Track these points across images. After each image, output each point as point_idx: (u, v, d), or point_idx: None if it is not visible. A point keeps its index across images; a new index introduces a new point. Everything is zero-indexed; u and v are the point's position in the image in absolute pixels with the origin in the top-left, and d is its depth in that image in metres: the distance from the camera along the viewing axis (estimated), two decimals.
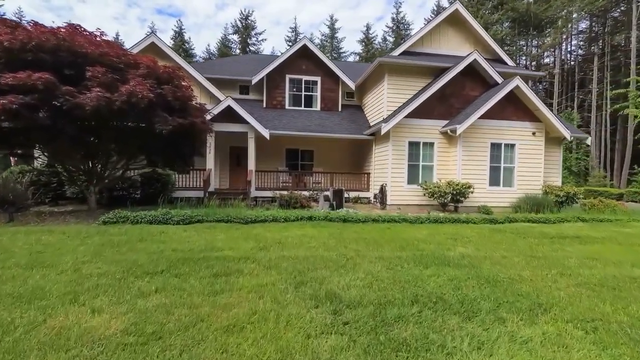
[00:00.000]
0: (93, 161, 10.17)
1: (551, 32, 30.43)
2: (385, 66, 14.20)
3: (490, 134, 13.34)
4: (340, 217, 8.29)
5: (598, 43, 29.30)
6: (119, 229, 6.83)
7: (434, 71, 14.52)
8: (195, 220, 7.88)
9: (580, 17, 29.73)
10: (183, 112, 9.73)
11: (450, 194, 12.38)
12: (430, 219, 8.56)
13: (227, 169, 16.19)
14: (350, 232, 6.81)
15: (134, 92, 8.33)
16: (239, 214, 8.26)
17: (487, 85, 14.06)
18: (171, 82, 9.67)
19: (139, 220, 7.77)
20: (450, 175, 13.57)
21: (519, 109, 13.46)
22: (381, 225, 7.76)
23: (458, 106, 13.93)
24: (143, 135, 9.54)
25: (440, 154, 13.77)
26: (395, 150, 13.45)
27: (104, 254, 4.90)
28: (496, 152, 13.48)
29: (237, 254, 5.00)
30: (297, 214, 8.38)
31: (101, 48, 8.84)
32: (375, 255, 5.02)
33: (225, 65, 18.68)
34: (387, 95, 14.36)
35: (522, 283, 3.93)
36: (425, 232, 6.94)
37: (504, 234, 6.96)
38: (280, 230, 7.03)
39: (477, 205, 13.04)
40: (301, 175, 15.90)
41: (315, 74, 16.74)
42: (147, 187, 12.89)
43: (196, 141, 11.06)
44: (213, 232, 6.66)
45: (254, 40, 43.56)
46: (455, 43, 15.31)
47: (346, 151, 17.19)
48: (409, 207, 13.44)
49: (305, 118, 15.97)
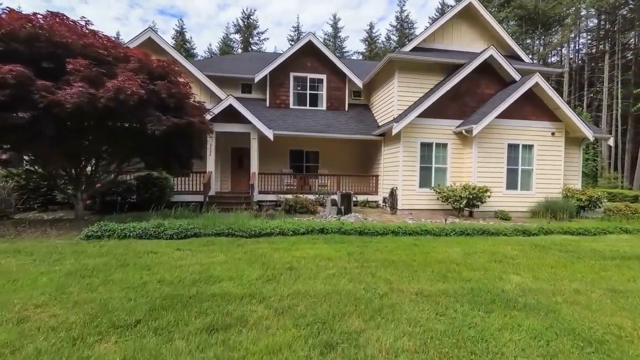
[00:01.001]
0: (80, 165, 8.97)
1: (559, 30, 29.17)
2: (395, 63, 12.99)
3: (507, 135, 12.17)
4: (355, 229, 7.10)
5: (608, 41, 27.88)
6: (100, 247, 5.64)
7: (446, 68, 13.32)
8: (191, 234, 6.68)
9: (589, 14, 28.45)
10: (179, 111, 8.52)
11: (466, 199, 11.21)
12: (455, 230, 7.37)
13: (229, 172, 14.99)
14: (372, 250, 5.62)
15: (122, 88, 7.12)
16: (241, 225, 7.07)
17: (503, 83, 12.86)
18: (166, 78, 8.47)
19: (127, 234, 6.57)
20: (464, 178, 12.41)
21: (538, 107, 12.28)
22: (404, 240, 6.56)
23: (473, 105, 12.74)
24: (135, 136, 8.33)
25: (453, 155, 12.59)
26: (407, 151, 12.27)
27: (69, 289, 3.71)
28: (513, 154, 12.30)
29: (239, 287, 3.81)
30: (307, 226, 7.18)
31: (86, 38, 7.61)
32: (414, 289, 3.83)
33: (226, 63, 17.44)
34: (397, 93, 13.16)
35: (634, 343, 2.76)
36: (459, 250, 5.75)
37: (551, 253, 5.75)
38: (289, 247, 5.84)
39: (493, 210, 11.87)
40: (306, 178, 14.71)
41: (321, 72, 15.52)
42: (144, 191, 11.69)
43: (194, 142, 9.84)
44: (211, 252, 5.47)
45: (256, 40, 42.23)
46: (468, 39, 14.10)
47: (353, 152, 15.99)
48: (421, 212, 12.28)
49: (311, 118, 14.77)
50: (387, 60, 13.09)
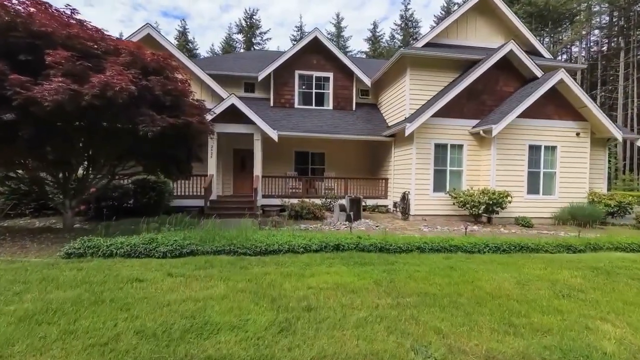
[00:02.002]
0: (69, 169, 7.92)
1: (569, 26, 27.82)
2: (407, 59, 11.89)
3: (529, 135, 11.07)
4: (374, 245, 6.02)
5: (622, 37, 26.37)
6: (77, 272, 4.59)
7: (461, 64, 12.23)
8: (187, 252, 5.62)
9: (602, 10, 27.05)
10: (176, 110, 7.45)
11: (485, 204, 10.14)
12: (487, 244, 6.27)
13: (231, 174, 13.94)
14: (402, 276, 4.54)
15: (109, 84, 6.06)
16: (244, 240, 6.01)
17: (523, 80, 11.76)
18: (162, 74, 7.39)
19: (113, 252, 5.51)
20: (481, 182, 11.33)
21: (561, 106, 11.17)
22: (435, 260, 5.46)
23: (490, 104, 11.65)
24: (128, 138, 7.27)
25: (470, 157, 11.51)
26: (420, 153, 11.19)
27: (10, 349, 2.67)
28: (535, 156, 11.21)
29: (243, 345, 2.75)
30: (319, 240, 6.10)
31: (70, 28, 6.55)
32: (480, 349, 2.68)
33: (228, 62, 16.36)
34: (409, 91, 12.07)
35: None
36: (508, 277, 4.61)
37: (622, 282, 4.44)
38: (302, 271, 4.77)
39: (513, 216, 10.79)
40: (312, 181, 13.65)
41: (327, 70, 14.43)
42: (141, 196, 10.66)
43: (193, 144, 8.77)
44: (208, 279, 4.41)
45: (258, 40, 41.01)
46: (484, 33, 12.98)
47: (360, 154, 14.91)
48: (436, 218, 11.22)
49: (317, 118, 13.69)
50: (398, 56, 11.99)
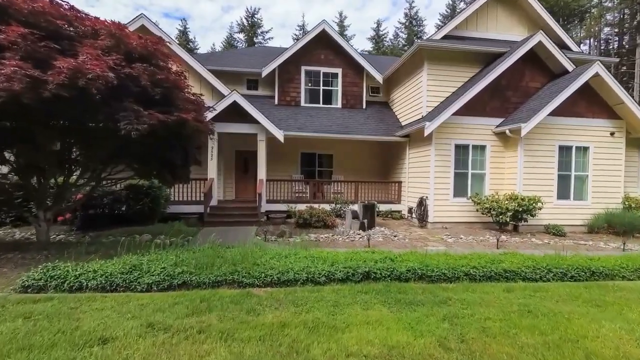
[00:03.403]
0: (41, 176, 6.53)
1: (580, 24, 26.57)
2: (425, 52, 10.55)
3: (558, 135, 9.77)
4: (413, 272, 4.64)
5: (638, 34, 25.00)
6: (20, 323, 3.22)
7: (481, 58, 10.90)
8: (178, 283, 4.25)
9: (616, 7, 25.71)
10: (168, 105, 6.04)
11: (513, 211, 8.85)
12: (551, 270, 4.84)
13: (233, 177, 12.57)
14: (474, 331, 3.12)
15: (81, 70, 4.67)
16: (251, 265, 4.66)
17: (550, 75, 10.44)
18: (150, 61, 6.01)
19: (83, 285, 4.14)
20: (505, 186, 10.04)
21: (595, 103, 9.87)
22: (496, 294, 4.00)
23: (515, 101, 10.33)
24: (113, 138, 5.85)
25: (493, 159, 10.19)
26: (440, 155, 9.87)
27: None
28: (565, 157, 9.91)
29: None
30: (344, 264, 4.72)
31: (34, 3, 5.17)
32: None
33: (230, 57, 14.96)
34: (426, 87, 10.73)
35: None
36: (618, 329, 3.18)
37: None
38: (332, 320, 3.39)
39: (542, 224, 9.49)
40: (319, 185, 12.30)
41: (336, 65, 13.07)
42: (134, 202, 9.28)
43: (190, 145, 7.36)
44: (204, 337, 3.04)
45: (260, 39, 39.46)
46: (505, 25, 11.66)
47: (371, 155, 13.56)
48: (456, 225, 9.92)
49: (325, 117, 12.34)
50: (415, 48, 10.64)
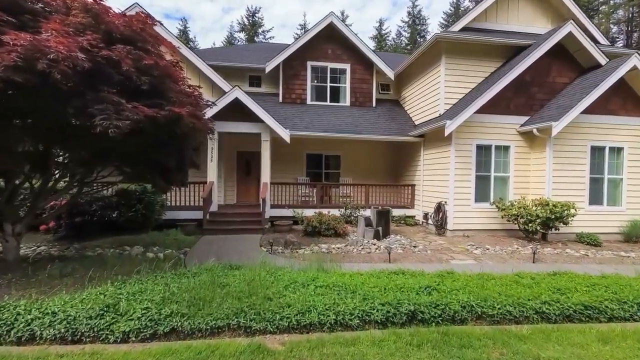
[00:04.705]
0: (10, 181, 5.52)
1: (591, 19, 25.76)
2: (443, 44, 9.57)
3: (590, 135, 8.80)
4: (468, 308, 3.64)
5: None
6: None
7: (504, 51, 9.94)
8: (165, 331, 3.23)
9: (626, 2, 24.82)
10: (158, 97, 5.03)
11: (544, 218, 7.88)
12: None
13: (234, 180, 11.60)
14: None
15: (39, 49, 3.65)
16: (260, 300, 3.67)
17: (579, 70, 9.47)
18: (136, 43, 4.95)
19: (37, 335, 3.06)
20: (530, 190, 9.08)
21: (629, 99, 8.89)
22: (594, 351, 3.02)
23: (541, 97, 9.36)
24: (89, 136, 4.83)
25: (517, 161, 9.23)
26: (460, 156, 8.90)
27: None
28: (597, 159, 8.94)
29: None
30: (382, 303, 3.57)
31: None
32: None
33: (231, 53, 13.99)
34: (444, 83, 9.76)
35: None
36: None
37: None
38: None
39: (572, 231, 8.51)
40: (327, 188, 11.33)
41: (344, 61, 12.08)
42: (126, 209, 8.31)
43: (185, 146, 6.33)
44: None
45: (261, 39, 38.42)
46: (527, 16, 10.67)
47: (380, 157, 12.58)
48: (478, 233, 8.96)
49: (333, 115, 11.36)
50: (432, 40, 9.65)
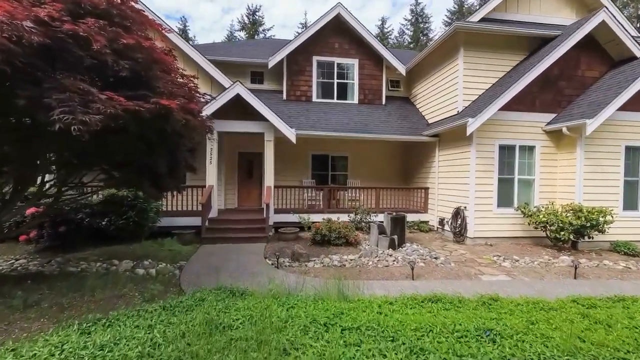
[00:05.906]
0: None
1: None
2: (461, 35, 8.72)
3: (625, 134, 7.94)
4: None
5: None
6: None
7: (527, 43, 9.10)
8: None
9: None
10: (143, 87, 4.15)
11: (577, 227, 7.02)
12: None
13: (235, 182, 10.74)
14: None
15: None
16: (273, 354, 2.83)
17: (610, 62, 8.62)
18: (113, 19, 4.03)
19: None
20: (558, 194, 8.23)
21: None
22: None
23: (569, 93, 8.50)
24: (58, 136, 3.94)
25: (543, 163, 8.38)
26: (481, 157, 8.05)
27: None
28: (632, 160, 8.09)
29: None
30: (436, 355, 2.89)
31: None
32: None
33: (232, 49, 13.13)
34: (462, 78, 8.90)
35: None
36: None
37: None
38: None
39: (606, 239, 7.66)
40: (334, 191, 10.48)
41: (352, 56, 11.22)
42: (116, 216, 7.44)
43: (178, 147, 5.48)
44: None
45: (261, 37, 37.71)
46: (551, 6, 9.81)
47: (390, 157, 11.72)
48: (501, 241, 8.12)
49: (340, 114, 10.51)
50: (451, 31, 8.79)
